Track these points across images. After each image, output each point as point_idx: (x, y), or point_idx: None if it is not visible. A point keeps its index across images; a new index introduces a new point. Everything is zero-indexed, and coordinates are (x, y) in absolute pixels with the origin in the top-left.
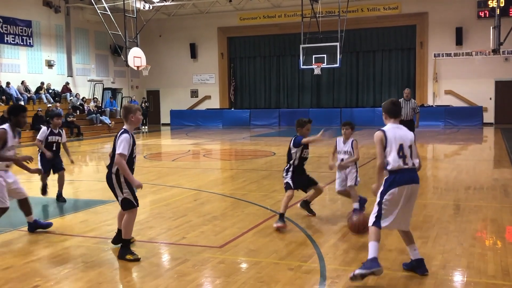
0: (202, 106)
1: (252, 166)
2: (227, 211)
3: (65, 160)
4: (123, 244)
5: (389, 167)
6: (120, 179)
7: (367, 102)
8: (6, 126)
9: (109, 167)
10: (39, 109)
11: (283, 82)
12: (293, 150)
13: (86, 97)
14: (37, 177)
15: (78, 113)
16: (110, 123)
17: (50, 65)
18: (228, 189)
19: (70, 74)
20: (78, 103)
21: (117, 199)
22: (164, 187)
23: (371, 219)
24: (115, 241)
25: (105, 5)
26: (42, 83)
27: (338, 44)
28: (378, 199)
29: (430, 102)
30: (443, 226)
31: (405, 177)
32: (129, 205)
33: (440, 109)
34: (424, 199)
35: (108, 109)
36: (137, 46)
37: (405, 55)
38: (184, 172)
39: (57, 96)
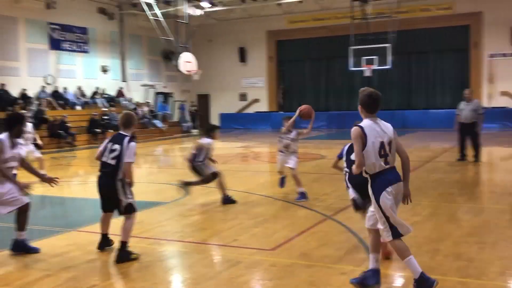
0: (251, 109)
1: (302, 169)
2: (278, 213)
3: None
4: (123, 247)
5: (369, 172)
6: (125, 185)
7: (420, 104)
8: (2, 136)
9: (109, 173)
10: (95, 113)
11: (332, 84)
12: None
13: (139, 102)
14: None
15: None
16: (162, 127)
17: (105, 70)
18: (278, 191)
19: (124, 79)
20: (132, 107)
21: (118, 205)
22: (216, 189)
23: (385, 234)
24: (101, 246)
25: (158, 11)
26: (97, 88)
27: (389, 45)
28: (378, 212)
29: (485, 104)
30: (501, 232)
31: (389, 176)
32: (132, 209)
33: (496, 111)
34: (480, 204)
35: (160, 113)
36: (188, 51)
37: (458, 56)
38: (234, 175)
39: (111, 100)
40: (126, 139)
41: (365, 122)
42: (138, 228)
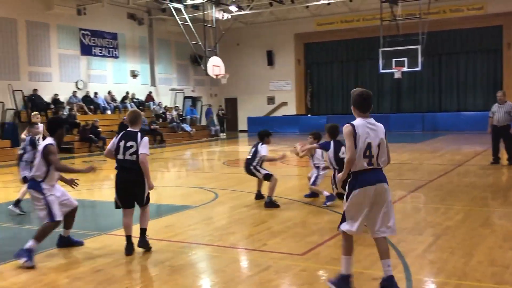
0: (279, 113)
1: (331, 173)
2: (307, 218)
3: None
4: (143, 233)
5: (352, 169)
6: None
7: (451, 107)
8: (51, 140)
9: (131, 168)
10: (124, 117)
11: (361, 86)
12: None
13: (168, 106)
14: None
15: (160, 121)
16: (190, 131)
17: (134, 75)
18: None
19: (153, 84)
20: (161, 111)
21: (140, 198)
22: (244, 193)
23: (340, 223)
24: (129, 251)
25: (186, 16)
26: (127, 93)
27: (419, 47)
28: (344, 202)
29: None
30: None
31: (369, 177)
32: (149, 199)
33: None
34: None
35: (189, 117)
36: (216, 55)
37: (490, 57)
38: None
39: (141, 105)
40: (139, 135)
41: (357, 121)
42: (168, 231)
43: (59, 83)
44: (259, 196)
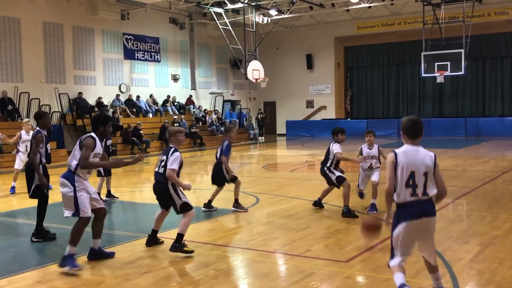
0: (318, 117)
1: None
2: (350, 224)
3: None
4: (179, 238)
5: (396, 199)
6: (176, 187)
7: (495, 111)
8: (94, 134)
9: (160, 181)
10: (166, 121)
11: (403, 91)
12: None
13: (208, 109)
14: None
15: (200, 124)
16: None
17: (175, 79)
18: (350, 202)
19: (193, 87)
20: (201, 114)
21: (174, 206)
22: (285, 198)
23: (389, 258)
24: (149, 242)
25: (226, 20)
26: (168, 96)
27: (462, 50)
28: (391, 235)
29: None
30: None
31: (413, 210)
32: (187, 207)
33: None
34: None
35: (228, 120)
36: (255, 59)
37: None
38: (302, 183)
39: (181, 108)
40: (171, 150)
41: (402, 148)
42: (211, 235)
43: (103, 86)
44: (318, 203)
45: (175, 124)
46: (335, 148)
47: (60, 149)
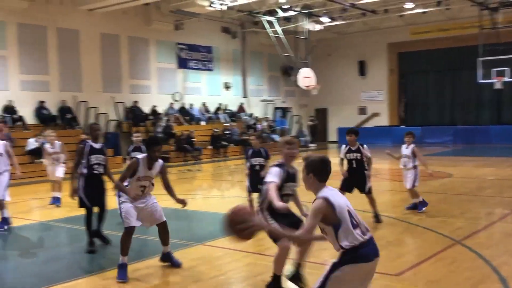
0: (371, 123)
1: (426, 189)
2: (402, 236)
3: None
4: (275, 280)
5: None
6: (264, 210)
7: None
8: (140, 156)
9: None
10: (216, 129)
11: (459, 97)
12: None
13: (259, 116)
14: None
15: (251, 132)
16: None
17: (227, 87)
18: (400, 212)
19: (245, 95)
20: (252, 122)
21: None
22: None
23: None
24: (293, 278)
25: (278, 28)
26: (220, 104)
27: None
28: None
29: None
30: None
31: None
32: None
33: None
34: None
35: (279, 127)
36: (307, 66)
37: None
38: (355, 192)
39: (233, 116)
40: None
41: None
42: (259, 245)
43: (157, 95)
44: (376, 217)
45: (226, 132)
46: (367, 151)
47: (116, 156)
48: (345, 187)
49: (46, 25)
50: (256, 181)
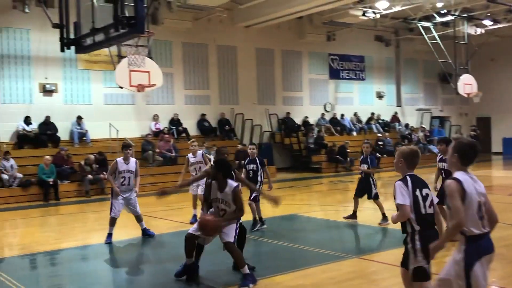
0: None
1: None
2: None
3: None
4: None
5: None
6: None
7: None
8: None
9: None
10: (367, 140)
11: None
12: None
13: (414, 126)
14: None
15: (406, 142)
16: (438, 152)
17: (380, 96)
18: None
19: (398, 104)
20: (406, 132)
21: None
22: (503, 225)
23: None
24: None
25: (435, 34)
26: (372, 114)
27: None
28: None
29: None
30: None
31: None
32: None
33: None
34: None
35: (436, 138)
36: (467, 72)
37: None
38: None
39: (386, 126)
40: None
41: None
42: None
43: (308, 106)
44: None
45: (379, 142)
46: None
47: (270, 166)
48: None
49: (207, 43)
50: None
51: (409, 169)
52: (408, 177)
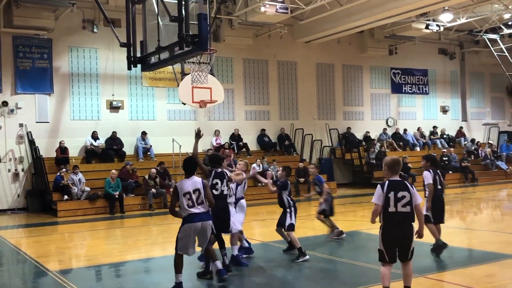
0: None
1: None
2: None
3: None
4: None
5: None
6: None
7: None
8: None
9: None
10: (433, 154)
11: None
12: None
13: (481, 142)
14: None
15: (472, 158)
16: (507, 169)
17: (444, 110)
18: None
19: (464, 119)
20: (473, 147)
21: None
22: None
23: None
24: None
25: (502, 46)
26: (434, 127)
27: None
28: None
29: None
30: None
31: None
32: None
33: None
34: None
35: (504, 153)
36: None
37: None
38: None
39: (451, 141)
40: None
41: None
42: (488, 282)
43: (370, 121)
44: None
45: (443, 158)
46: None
47: (330, 181)
48: None
49: (267, 59)
50: None
51: (392, 175)
52: (387, 182)
